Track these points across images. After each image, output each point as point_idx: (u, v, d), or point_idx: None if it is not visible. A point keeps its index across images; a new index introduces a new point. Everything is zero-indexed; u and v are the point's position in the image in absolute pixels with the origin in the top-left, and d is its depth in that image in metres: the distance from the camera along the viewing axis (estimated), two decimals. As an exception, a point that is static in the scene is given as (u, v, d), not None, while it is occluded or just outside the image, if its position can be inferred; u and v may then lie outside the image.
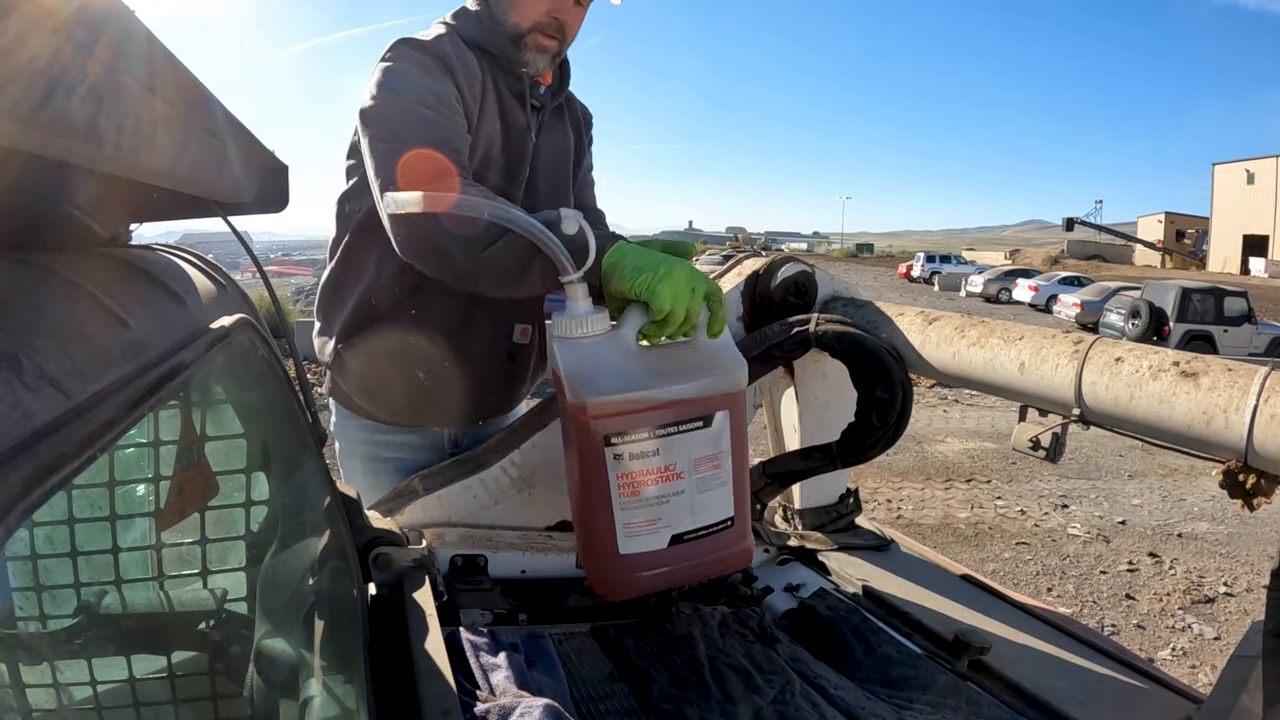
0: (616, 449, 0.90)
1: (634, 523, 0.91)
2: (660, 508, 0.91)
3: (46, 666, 0.69)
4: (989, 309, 22.08)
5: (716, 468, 0.92)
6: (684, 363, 0.93)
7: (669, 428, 0.90)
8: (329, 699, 0.77)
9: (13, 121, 0.29)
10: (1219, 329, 13.18)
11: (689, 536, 0.92)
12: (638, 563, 0.92)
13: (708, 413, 0.91)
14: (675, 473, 0.91)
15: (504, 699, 0.84)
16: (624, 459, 0.90)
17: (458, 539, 1.17)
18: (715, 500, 0.93)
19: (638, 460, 0.90)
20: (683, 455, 0.91)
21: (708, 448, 0.92)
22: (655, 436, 0.90)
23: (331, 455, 1.59)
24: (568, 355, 0.92)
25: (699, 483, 0.92)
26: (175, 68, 0.48)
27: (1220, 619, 3.54)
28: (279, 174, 0.82)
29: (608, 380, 0.90)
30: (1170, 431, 0.96)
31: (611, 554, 0.92)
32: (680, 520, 0.92)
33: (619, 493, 0.90)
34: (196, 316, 0.65)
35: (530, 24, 1.23)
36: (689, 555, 0.93)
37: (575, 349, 0.91)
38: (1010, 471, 5.59)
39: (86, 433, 0.37)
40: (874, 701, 1.02)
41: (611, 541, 0.92)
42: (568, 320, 0.92)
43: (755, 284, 1.42)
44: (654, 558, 0.92)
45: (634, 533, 0.91)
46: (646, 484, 0.90)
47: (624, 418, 0.89)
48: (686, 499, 0.92)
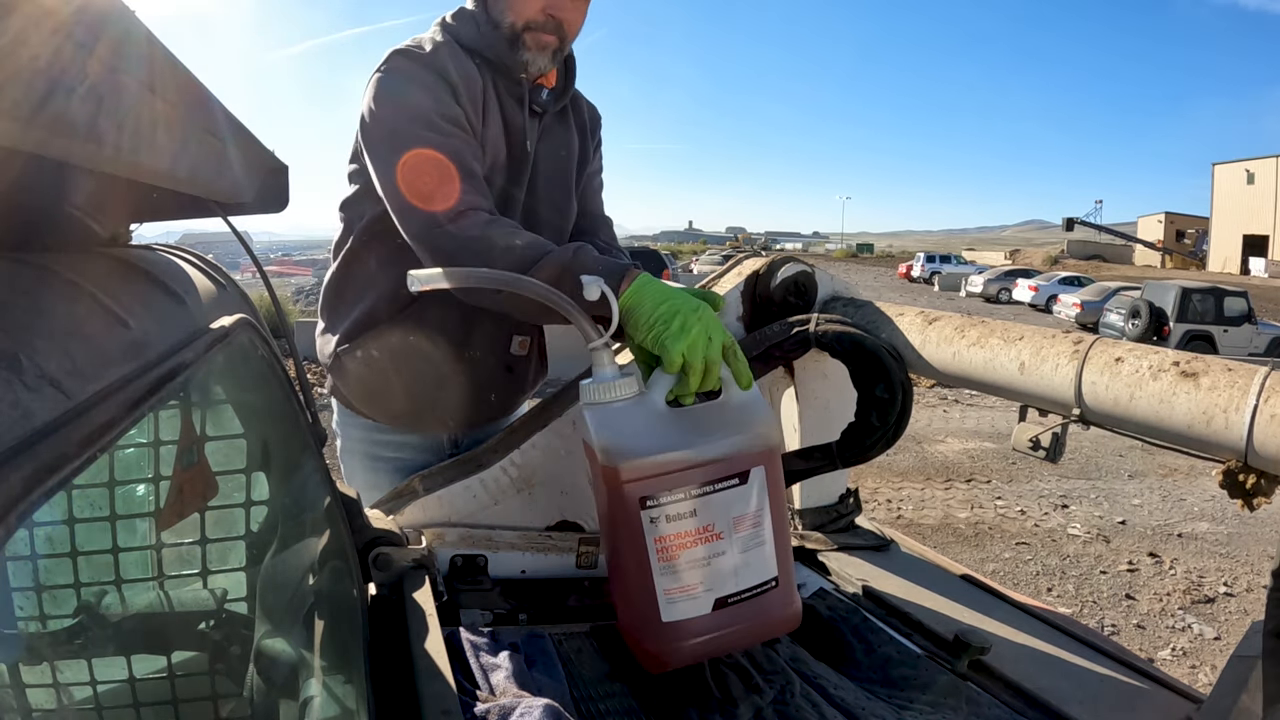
0: (652, 512, 0.88)
1: (675, 588, 0.88)
2: (702, 570, 0.88)
3: (46, 666, 0.69)
4: (989, 309, 22.08)
5: (756, 526, 0.90)
6: (715, 421, 0.91)
7: (705, 487, 0.88)
8: (329, 699, 0.77)
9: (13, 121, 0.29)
10: (1219, 329, 13.18)
11: (733, 599, 0.90)
12: (683, 631, 0.89)
13: (743, 469, 0.89)
14: (715, 533, 0.88)
15: (504, 699, 0.84)
16: (660, 522, 0.88)
17: (458, 539, 1.17)
18: (757, 560, 0.90)
19: (675, 522, 0.88)
20: (721, 514, 0.89)
21: (746, 505, 0.90)
22: (691, 497, 0.88)
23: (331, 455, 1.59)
24: (598, 420, 0.90)
25: (740, 542, 0.89)
26: (175, 68, 0.48)
27: (1220, 619, 3.54)
28: (279, 174, 0.82)
29: (640, 443, 0.88)
30: (1170, 431, 0.96)
31: (655, 623, 0.89)
32: (723, 583, 0.89)
33: (658, 557, 0.88)
34: (196, 316, 0.65)
35: (525, 22, 1.20)
36: (735, 619, 0.90)
37: (605, 413, 0.90)
38: (1010, 471, 5.59)
39: (86, 433, 0.37)
40: (874, 701, 1.02)
41: (653, 610, 0.89)
42: (596, 386, 0.91)
43: (755, 284, 1.42)
44: (699, 624, 0.89)
45: (676, 599, 0.88)
46: (685, 546, 0.88)
47: (658, 479, 0.87)
48: (728, 560, 0.89)
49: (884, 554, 1.54)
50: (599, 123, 1.47)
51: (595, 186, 1.48)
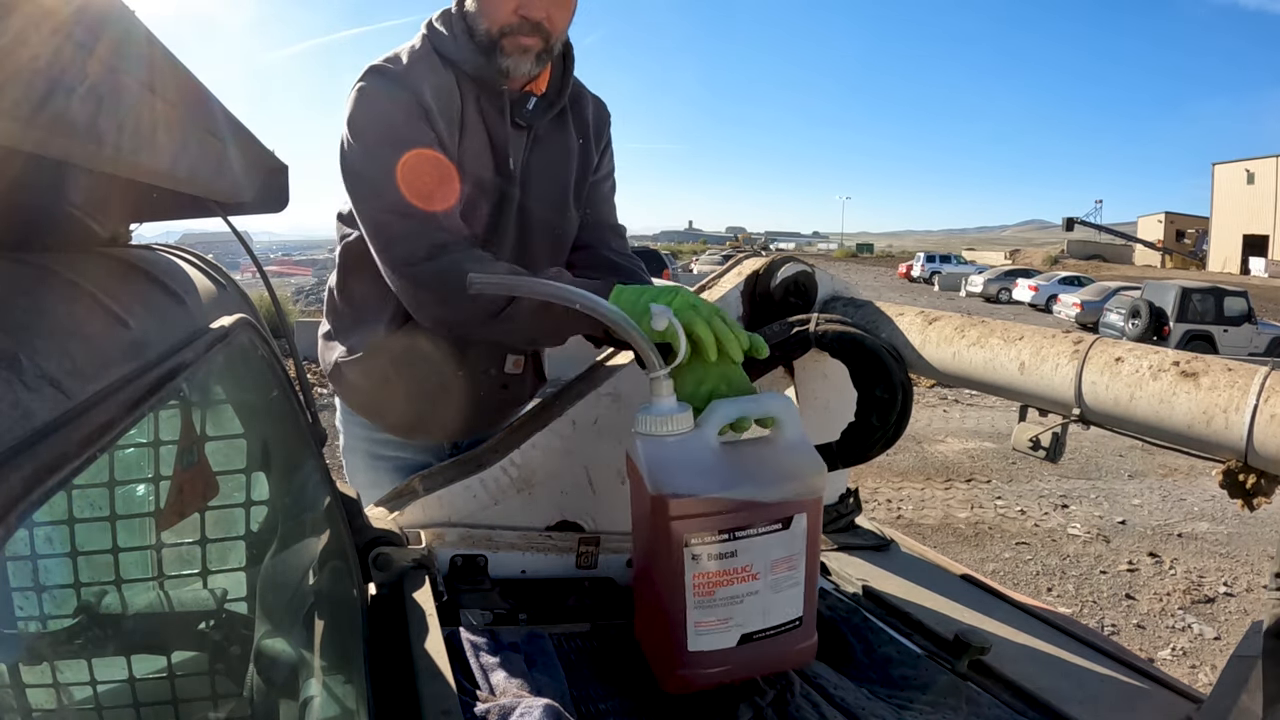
0: (695, 549, 0.89)
1: (706, 621, 0.90)
2: (733, 608, 0.90)
3: (46, 666, 0.69)
4: (989, 309, 22.08)
5: (792, 569, 0.91)
6: (766, 463, 0.92)
7: (749, 530, 0.89)
8: (329, 699, 0.77)
9: (13, 121, 0.29)
10: (1219, 329, 13.18)
11: (758, 636, 0.91)
12: (704, 660, 0.91)
13: (787, 515, 0.90)
14: (751, 574, 0.90)
15: (504, 699, 0.84)
16: (702, 559, 0.89)
17: (458, 539, 1.17)
18: (787, 600, 0.92)
19: (715, 561, 0.89)
20: (760, 557, 0.90)
21: (785, 549, 0.91)
22: (735, 538, 0.89)
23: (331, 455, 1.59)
24: (651, 450, 0.91)
25: (773, 583, 0.91)
26: (175, 68, 0.48)
27: (1220, 619, 3.54)
28: (279, 174, 0.82)
29: (692, 480, 0.89)
30: (1170, 431, 0.96)
31: (679, 650, 0.91)
32: (751, 620, 0.91)
33: (694, 592, 0.89)
34: (196, 316, 0.65)
35: (500, 28, 1.13)
36: (754, 654, 0.92)
37: (658, 445, 0.91)
38: (1010, 471, 5.59)
39: (86, 433, 0.37)
40: (874, 701, 1.02)
41: (680, 638, 0.90)
42: (652, 418, 0.91)
43: (755, 284, 1.42)
44: (721, 656, 0.91)
45: (704, 631, 0.90)
46: (722, 584, 0.89)
47: (705, 519, 0.88)
48: (760, 600, 0.91)
49: (884, 554, 1.54)
50: (606, 121, 1.36)
51: (604, 193, 1.38)
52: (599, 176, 1.35)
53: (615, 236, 1.36)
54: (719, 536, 0.88)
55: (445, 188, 1.11)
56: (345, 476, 1.54)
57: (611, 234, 1.36)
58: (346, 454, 1.50)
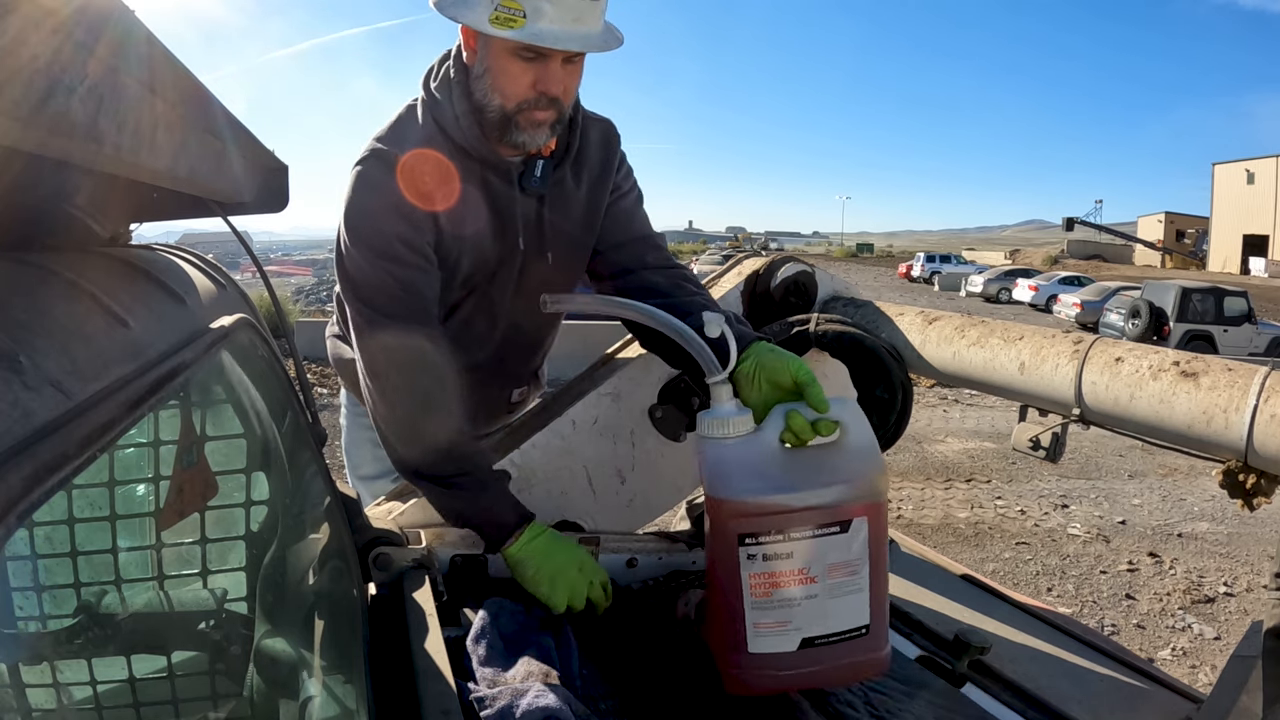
0: (751, 549, 0.90)
1: (764, 623, 0.91)
2: (791, 610, 0.91)
3: (46, 666, 0.69)
4: (989, 309, 22.07)
5: (852, 574, 0.91)
6: (826, 466, 0.92)
7: (805, 531, 0.90)
8: (329, 699, 0.77)
9: (13, 121, 0.29)
10: (1219, 329, 13.17)
11: (820, 641, 0.91)
12: (766, 663, 0.92)
13: (845, 519, 0.91)
14: (809, 576, 0.90)
15: (514, 683, 0.85)
16: (758, 559, 0.90)
17: (458, 539, 1.17)
18: (850, 606, 0.92)
19: (771, 561, 0.90)
20: (817, 560, 0.90)
21: (843, 554, 0.91)
22: (791, 540, 0.90)
23: (331, 455, 1.59)
24: (711, 452, 0.94)
25: (832, 588, 0.91)
26: (175, 68, 0.48)
27: (1220, 619, 3.54)
28: (279, 174, 0.82)
29: (747, 481, 0.91)
30: (1170, 431, 0.96)
31: (741, 651, 0.92)
32: (811, 624, 0.91)
33: (751, 592, 0.91)
34: (196, 316, 0.65)
35: (516, 104, 1.07)
36: (819, 660, 0.91)
37: (718, 448, 0.93)
38: (1010, 471, 5.59)
39: (86, 433, 0.37)
40: (874, 700, 1.02)
41: (741, 639, 0.92)
42: (712, 421, 0.94)
43: (755, 284, 1.42)
44: (782, 660, 0.91)
45: (763, 633, 0.91)
46: (779, 586, 0.90)
47: (760, 519, 0.90)
48: (819, 603, 0.91)
49: (884, 554, 1.54)
50: (616, 144, 1.29)
51: (626, 210, 1.31)
52: (620, 194, 1.30)
53: (652, 249, 1.29)
54: (774, 538, 0.89)
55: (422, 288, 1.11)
56: (346, 475, 1.54)
57: (647, 248, 1.29)
58: (350, 447, 1.50)
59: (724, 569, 0.92)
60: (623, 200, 1.30)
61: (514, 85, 1.06)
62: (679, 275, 1.25)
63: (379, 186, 1.09)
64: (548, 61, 1.04)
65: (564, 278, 1.29)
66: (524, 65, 1.04)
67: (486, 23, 0.99)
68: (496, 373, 1.32)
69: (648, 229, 1.32)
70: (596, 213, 1.26)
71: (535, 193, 1.18)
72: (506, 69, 1.05)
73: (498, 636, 0.95)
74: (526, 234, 1.19)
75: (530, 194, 1.17)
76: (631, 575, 1.24)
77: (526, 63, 1.04)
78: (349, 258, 1.09)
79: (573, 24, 1.01)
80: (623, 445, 1.32)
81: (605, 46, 1.06)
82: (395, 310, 1.07)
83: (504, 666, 0.90)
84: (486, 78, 1.07)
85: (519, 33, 0.99)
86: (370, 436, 1.46)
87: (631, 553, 1.24)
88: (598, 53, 1.06)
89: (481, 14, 1.00)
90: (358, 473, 1.51)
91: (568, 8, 0.99)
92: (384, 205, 1.08)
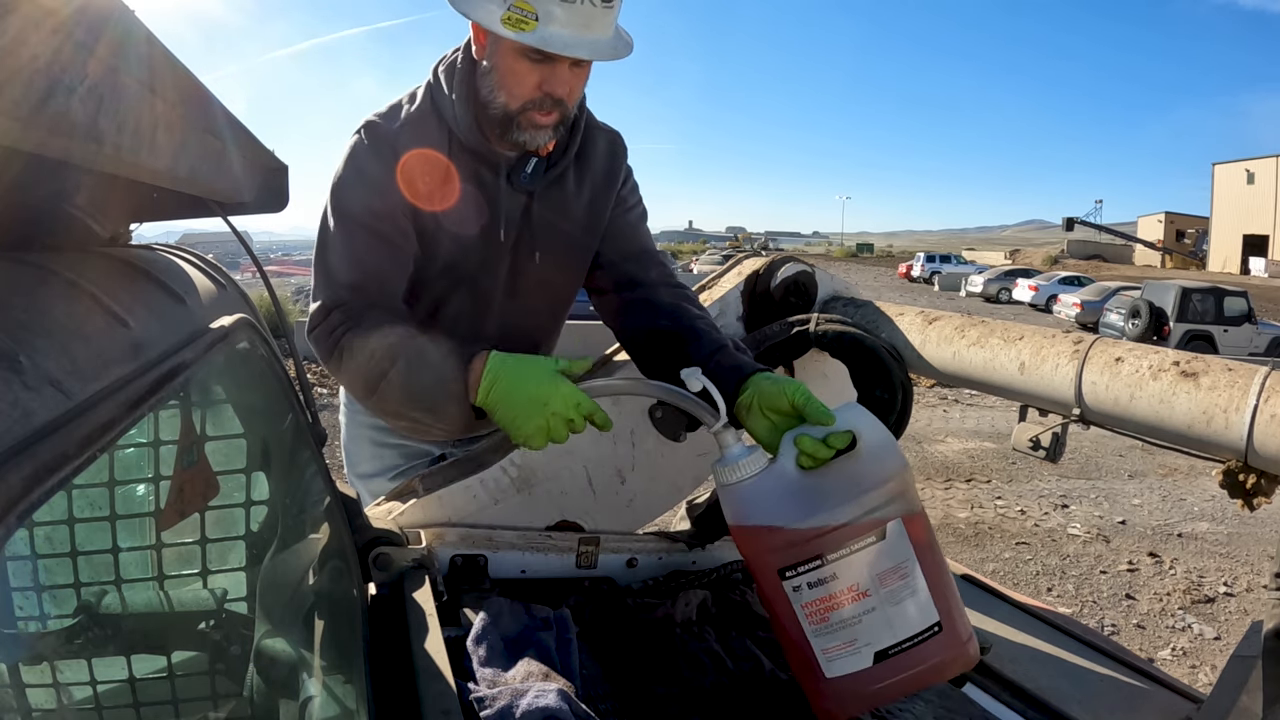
0: (793, 581, 0.90)
1: (832, 647, 0.90)
2: (854, 629, 0.90)
3: (46, 666, 0.69)
4: (989, 309, 22.06)
5: (904, 578, 0.90)
6: (846, 479, 0.91)
7: (841, 550, 0.89)
8: (329, 699, 0.77)
9: (13, 121, 0.29)
10: (1219, 329, 13.18)
11: (894, 650, 0.90)
12: (847, 684, 0.91)
13: (879, 525, 0.90)
14: (861, 592, 0.89)
15: (515, 683, 0.85)
16: (803, 589, 0.90)
17: (458, 539, 1.17)
18: (913, 609, 0.90)
19: (818, 588, 0.90)
20: (863, 574, 0.90)
21: (888, 560, 0.90)
22: (829, 562, 0.89)
23: (331, 455, 1.59)
24: (730, 499, 0.94)
25: (888, 596, 0.90)
26: (175, 68, 0.48)
27: (1220, 619, 3.54)
28: (279, 174, 0.82)
29: (771, 515, 0.91)
30: (1170, 431, 0.96)
31: (820, 679, 0.92)
32: (880, 636, 0.90)
33: (808, 622, 0.90)
34: (196, 316, 0.65)
35: (520, 104, 1.07)
36: (900, 668, 0.90)
37: (737, 491, 0.93)
38: (1010, 471, 5.59)
39: (86, 433, 0.37)
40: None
41: (817, 668, 0.91)
42: (725, 468, 0.94)
43: (755, 284, 1.42)
44: (863, 677, 0.90)
45: (835, 656, 0.90)
46: (835, 608, 0.89)
47: (794, 550, 0.89)
48: (880, 615, 0.90)
49: (884, 554, 1.53)
50: (622, 158, 1.28)
51: (632, 224, 1.30)
52: (624, 209, 1.30)
53: (656, 265, 1.29)
54: (811, 565, 0.89)
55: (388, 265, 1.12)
56: (345, 474, 1.54)
57: (652, 263, 1.29)
58: (350, 444, 1.51)
59: (778, 606, 0.92)
60: (629, 214, 1.30)
61: (520, 85, 1.06)
62: (681, 295, 1.24)
63: (364, 159, 1.12)
64: (555, 64, 1.04)
65: (561, 280, 1.29)
66: (531, 66, 1.04)
67: (498, 22, 1.00)
68: None
69: (650, 244, 1.33)
70: (598, 219, 1.26)
71: (524, 189, 1.18)
72: (514, 68, 1.05)
73: (498, 637, 0.95)
74: (510, 228, 1.20)
75: (519, 189, 1.18)
76: (631, 575, 1.24)
77: (534, 64, 1.04)
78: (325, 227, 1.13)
79: (583, 30, 1.01)
80: (623, 445, 1.32)
81: (614, 55, 1.06)
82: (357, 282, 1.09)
83: (504, 666, 0.89)
84: (494, 75, 1.08)
85: (529, 36, 0.99)
86: (369, 435, 1.46)
87: (631, 553, 1.24)
88: (606, 61, 1.06)
89: (494, 12, 1.00)
90: (356, 470, 1.51)
91: (579, 13, 0.99)
92: (365, 176, 1.11)
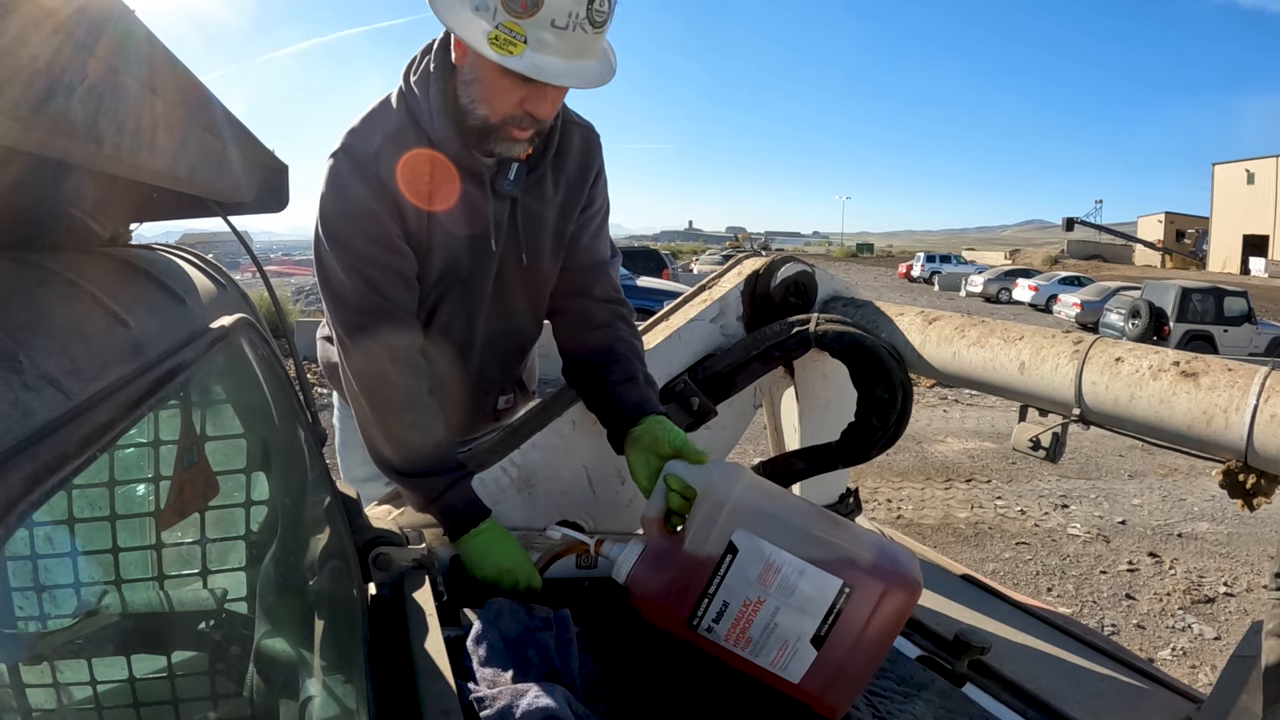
0: (702, 624, 0.94)
1: (775, 657, 0.93)
2: (777, 633, 0.92)
3: (46, 666, 0.69)
4: (989, 309, 22.05)
5: (779, 571, 0.91)
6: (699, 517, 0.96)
7: (712, 582, 0.93)
8: (329, 699, 0.77)
9: (13, 121, 0.29)
10: (1219, 329, 13.17)
11: (825, 630, 0.91)
12: (816, 678, 0.92)
13: (720, 544, 0.93)
14: (756, 601, 0.92)
15: (515, 683, 0.85)
16: (713, 628, 0.94)
17: (458, 539, 1.17)
18: (811, 588, 0.91)
19: (724, 619, 0.93)
20: (742, 588, 0.92)
21: (755, 566, 0.92)
22: (713, 595, 0.93)
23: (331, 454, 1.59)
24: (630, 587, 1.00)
25: (780, 590, 0.91)
26: (175, 68, 0.48)
27: (1220, 619, 3.54)
28: (279, 174, 0.82)
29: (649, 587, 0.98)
30: (1170, 431, 0.96)
31: (794, 689, 0.94)
32: (802, 627, 0.91)
33: (740, 649, 0.93)
34: (196, 316, 0.65)
35: (500, 118, 1.05)
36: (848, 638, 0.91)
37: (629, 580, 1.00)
38: (1010, 471, 5.59)
39: (86, 433, 0.37)
40: (873, 700, 1.02)
41: (782, 681, 0.94)
42: (616, 568, 1.01)
43: (755, 284, 1.42)
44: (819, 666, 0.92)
45: (784, 662, 0.92)
46: (747, 627, 0.93)
47: (682, 600, 0.95)
48: (787, 610, 0.91)
49: (884, 554, 1.54)
50: (596, 151, 1.26)
51: (591, 232, 1.28)
52: (589, 213, 1.28)
53: (602, 278, 1.29)
54: (702, 604, 0.94)
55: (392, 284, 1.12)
56: (342, 475, 1.54)
57: (599, 275, 1.29)
58: (344, 449, 1.50)
59: (711, 649, 0.96)
60: (590, 221, 1.28)
61: (502, 102, 1.04)
62: (618, 312, 1.27)
63: (348, 184, 1.09)
64: (540, 86, 1.02)
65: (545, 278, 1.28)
66: (515, 84, 1.01)
67: (485, 42, 0.96)
68: (479, 378, 1.31)
69: (604, 254, 1.31)
70: (568, 218, 1.25)
71: (508, 195, 1.17)
72: (497, 85, 1.03)
73: (498, 637, 0.95)
74: (499, 236, 1.19)
75: (503, 197, 1.17)
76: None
77: (518, 83, 1.01)
78: (323, 257, 1.11)
79: (575, 58, 0.99)
80: (623, 445, 1.32)
81: (601, 82, 1.04)
82: (367, 308, 1.09)
83: (504, 666, 0.89)
84: (475, 86, 1.06)
85: (516, 61, 0.97)
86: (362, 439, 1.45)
87: None
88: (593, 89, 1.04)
89: (480, 30, 0.96)
90: (350, 475, 1.51)
91: (572, 41, 0.97)
92: (353, 204, 1.09)
